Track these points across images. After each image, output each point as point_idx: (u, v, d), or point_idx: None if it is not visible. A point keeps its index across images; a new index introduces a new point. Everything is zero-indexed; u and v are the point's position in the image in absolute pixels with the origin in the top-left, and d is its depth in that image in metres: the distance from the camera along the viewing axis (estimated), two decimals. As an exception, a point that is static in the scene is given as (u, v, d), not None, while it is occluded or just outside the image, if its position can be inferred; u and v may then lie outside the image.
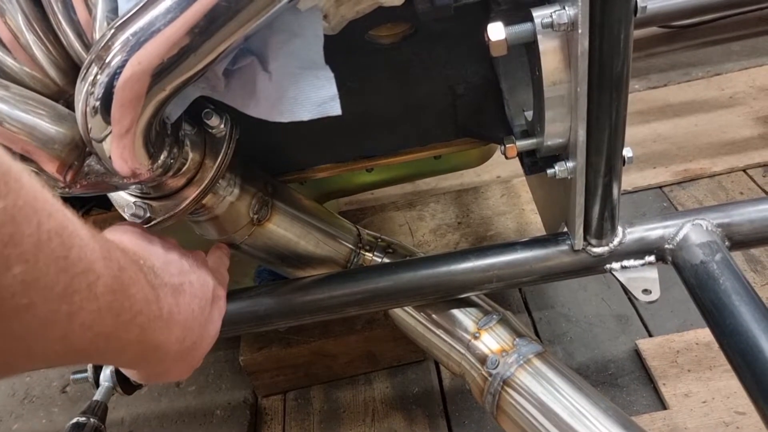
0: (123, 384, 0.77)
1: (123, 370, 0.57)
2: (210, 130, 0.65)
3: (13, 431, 1.18)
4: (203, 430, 1.11)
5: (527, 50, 0.64)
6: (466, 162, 1.05)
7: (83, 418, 0.71)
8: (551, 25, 0.55)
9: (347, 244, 0.86)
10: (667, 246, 0.73)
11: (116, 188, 0.62)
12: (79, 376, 0.78)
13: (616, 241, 0.74)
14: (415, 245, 1.22)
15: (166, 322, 0.47)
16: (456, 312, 0.80)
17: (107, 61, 0.48)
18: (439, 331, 0.81)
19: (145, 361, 0.50)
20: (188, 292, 0.54)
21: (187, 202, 0.66)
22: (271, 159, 0.81)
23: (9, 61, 0.56)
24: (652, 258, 0.74)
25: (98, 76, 0.49)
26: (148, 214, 0.65)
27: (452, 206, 1.33)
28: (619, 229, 0.74)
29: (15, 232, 0.26)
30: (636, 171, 1.44)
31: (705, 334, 1.04)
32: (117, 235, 0.56)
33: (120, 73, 0.48)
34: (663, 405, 0.99)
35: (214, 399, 1.16)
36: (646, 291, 0.73)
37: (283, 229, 0.80)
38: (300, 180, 0.87)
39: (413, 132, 0.79)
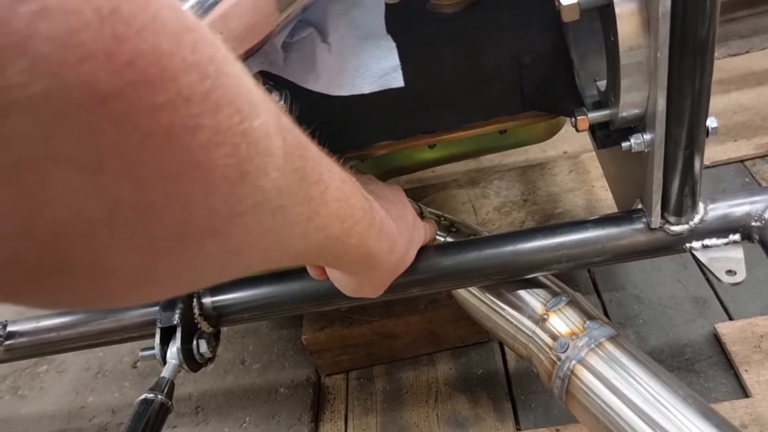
0: (189, 361, 0.78)
1: (336, 282, 0.62)
2: (269, 107, 0.64)
3: (88, 404, 1.22)
4: (267, 407, 1.12)
5: (601, 15, 0.60)
6: (533, 136, 1.01)
7: (151, 395, 0.73)
8: (629, -15, 0.51)
9: (409, 223, 0.85)
10: (754, 223, 0.68)
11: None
12: (147, 353, 0.79)
13: (696, 218, 0.69)
14: (479, 224, 1.19)
15: (379, 232, 0.53)
16: (523, 293, 0.78)
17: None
18: (505, 313, 0.78)
19: (363, 266, 0.55)
20: (393, 211, 0.60)
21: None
22: (330, 136, 0.80)
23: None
24: (737, 236, 0.69)
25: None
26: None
27: (517, 183, 1.29)
28: (701, 205, 0.69)
29: (270, 144, 0.30)
30: (715, 144, 1.35)
31: (792, 318, 0.97)
32: None
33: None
34: (745, 393, 0.93)
35: (278, 377, 1.17)
36: (730, 272, 0.68)
37: (344, 208, 0.79)
38: (360, 157, 0.85)
39: (477, 105, 0.76)
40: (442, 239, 0.85)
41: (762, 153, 1.33)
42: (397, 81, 0.53)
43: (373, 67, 0.52)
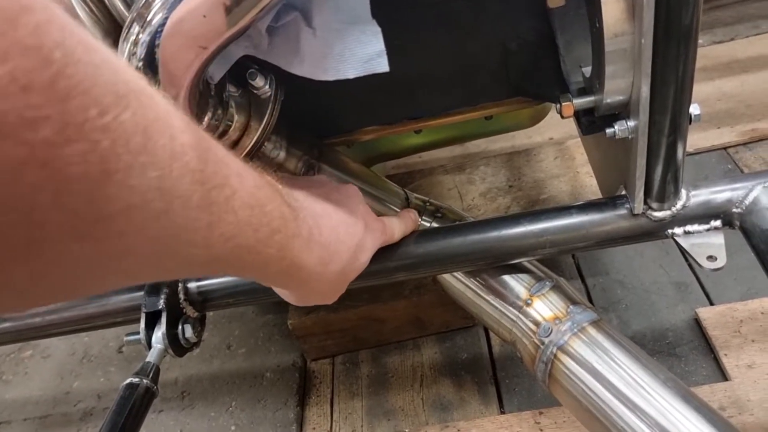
0: (174, 346, 0.78)
1: (276, 290, 0.60)
2: (255, 91, 0.63)
3: (73, 389, 1.22)
4: (254, 391, 1.13)
5: (586, 1, 0.60)
6: (518, 123, 1.01)
7: (136, 379, 0.73)
8: (614, -29, 0.51)
9: (395, 208, 0.85)
10: (735, 210, 0.69)
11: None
12: (132, 338, 0.79)
13: (679, 204, 0.70)
14: (465, 209, 1.19)
15: (306, 242, 0.49)
16: (507, 278, 0.78)
17: (148, 19, 0.47)
18: (489, 298, 0.79)
19: (289, 279, 0.52)
20: (334, 217, 0.57)
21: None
22: (317, 121, 0.80)
23: (53, 22, 0.55)
24: (718, 222, 0.70)
25: (140, 36, 0.48)
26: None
27: (503, 169, 1.29)
28: (683, 192, 0.70)
29: (148, 141, 0.28)
30: (698, 131, 1.37)
31: (771, 303, 0.99)
32: None
33: (162, 31, 0.47)
34: (724, 376, 0.95)
35: (264, 362, 1.18)
36: (711, 258, 0.69)
37: (330, 193, 0.79)
38: (347, 143, 0.85)
39: (463, 91, 0.76)
40: (428, 224, 0.86)
41: (745, 140, 1.35)
42: (383, 66, 0.53)
43: (358, 52, 0.52)
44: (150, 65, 0.49)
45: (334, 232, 0.55)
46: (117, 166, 0.26)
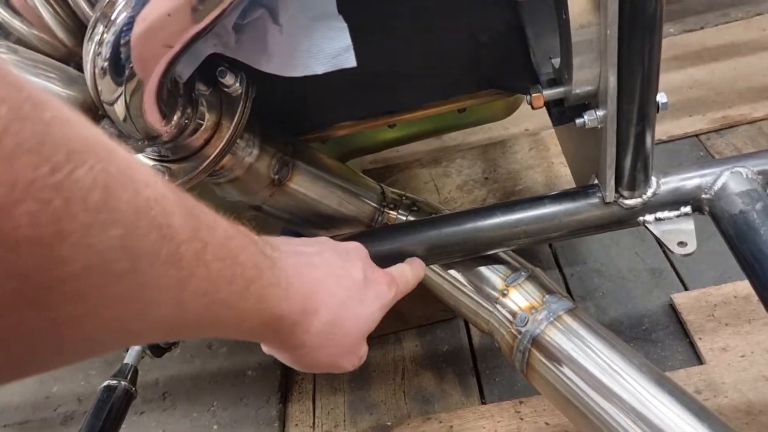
0: (152, 347, 0.77)
1: (278, 355, 0.57)
2: (225, 89, 0.63)
3: (53, 393, 1.21)
4: (236, 390, 1.13)
5: (553, -8, 0.61)
6: (492, 115, 1.02)
7: (114, 381, 0.72)
8: (578, -37, 0.51)
9: (371, 203, 0.85)
10: (704, 196, 0.70)
11: (133, 152, 0.61)
12: (109, 340, 0.78)
13: (649, 192, 0.71)
14: (442, 202, 1.20)
15: (285, 291, 0.47)
16: (483, 269, 0.79)
17: (112, 18, 0.46)
18: (466, 289, 0.79)
19: (273, 332, 0.49)
20: (321, 268, 0.54)
21: (205, 163, 0.65)
22: (290, 118, 0.80)
23: (17, 23, 0.54)
24: (688, 209, 0.71)
25: (104, 35, 0.47)
26: (167, 177, 0.65)
27: (479, 161, 1.30)
28: (653, 179, 0.71)
29: (109, 197, 0.26)
30: (671, 119, 1.38)
31: (744, 286, 1.00)
32: None
33: (127, 30, 0.47)
34: (699, 360, 0.96)
35: (246, 360, 1.17)
36: (681, 243, 0.70)
37: (305, 189, 0.79)
38: (321, 139, 0.86)
39: (435, 85, 0.77)
40: (404, 218, 0.86)
41: (716, 127, 1.37)
42: (350, 61, 0.53)
43: (326, 48, 0.52)
44: (116, 65, 0.48)
45: (319, 283, 0.52)
46: (72, 226, 0.24)
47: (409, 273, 0.68)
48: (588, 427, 0.67)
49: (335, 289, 0.54)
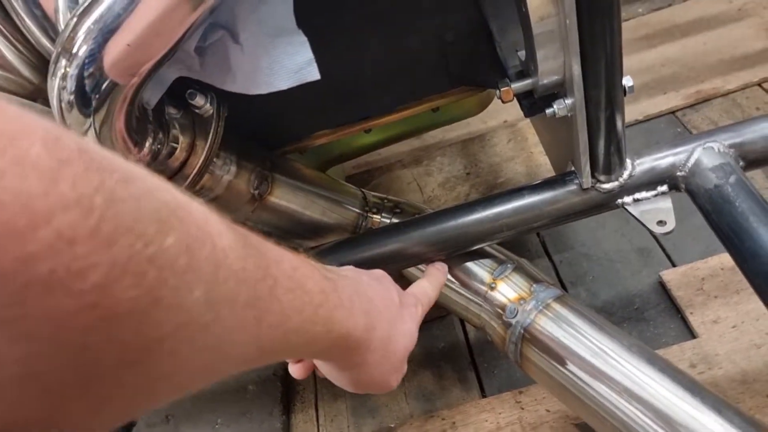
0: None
1: (335, 380, 0.59)
2: (197, 111, 0.63)
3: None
4: (238, 405, 1.13)
5: (512, -14, 0.62)
6: (466, 111, 1.02)
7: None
8: (531, -44, 0.52)
9: (353, 209, 0.86)
10: (678, 173, 0.71)
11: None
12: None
13: (625, 174, 0.71)
14: (425, 201, 1.21)
15: (349, 311, 0.48)
16: (470, 264, 0.79)
17: (74, 52, 0.47)
18: (455, 286, 0.80)
19: (339, 351, 0.50)
20: (372, 286, 0.57)
21: (185, 183, 0.65)
22: (267, 132, 0.80)
23: (-19, 64, 0.55)
24: (664, 188, 0.72)
25: (67, 69, 0.47)
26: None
27: (459, 157, 1.30)
28: (628, 161, 0.72)
29: (192, 258, 0.27)
30: (646, 98, 1.40)
31: (730, 258, 1.00)
32: None
33: (89, 63, 0.47)
34: (692, 334, 0.97)
35: (245, 375, 1.17)
36: (660, 222, 0.71)
37: (287, 201, 0.80)
38: (299, 150, 0.86)
39: (405, 87, 0.77)
40: (388, 221, 0.87)
41: (691, 102, 1.38)
42: (313, 74, 0.53)
43: (287, 63, 0.52)
44: (82, 97, 0.49)
45: (371, 302, 0.54)
46: (164, 292, 0.25)
47: (428, 288, 0.70)
48: (585, 411, 0.68)
49: (383, 308, 0.56)
